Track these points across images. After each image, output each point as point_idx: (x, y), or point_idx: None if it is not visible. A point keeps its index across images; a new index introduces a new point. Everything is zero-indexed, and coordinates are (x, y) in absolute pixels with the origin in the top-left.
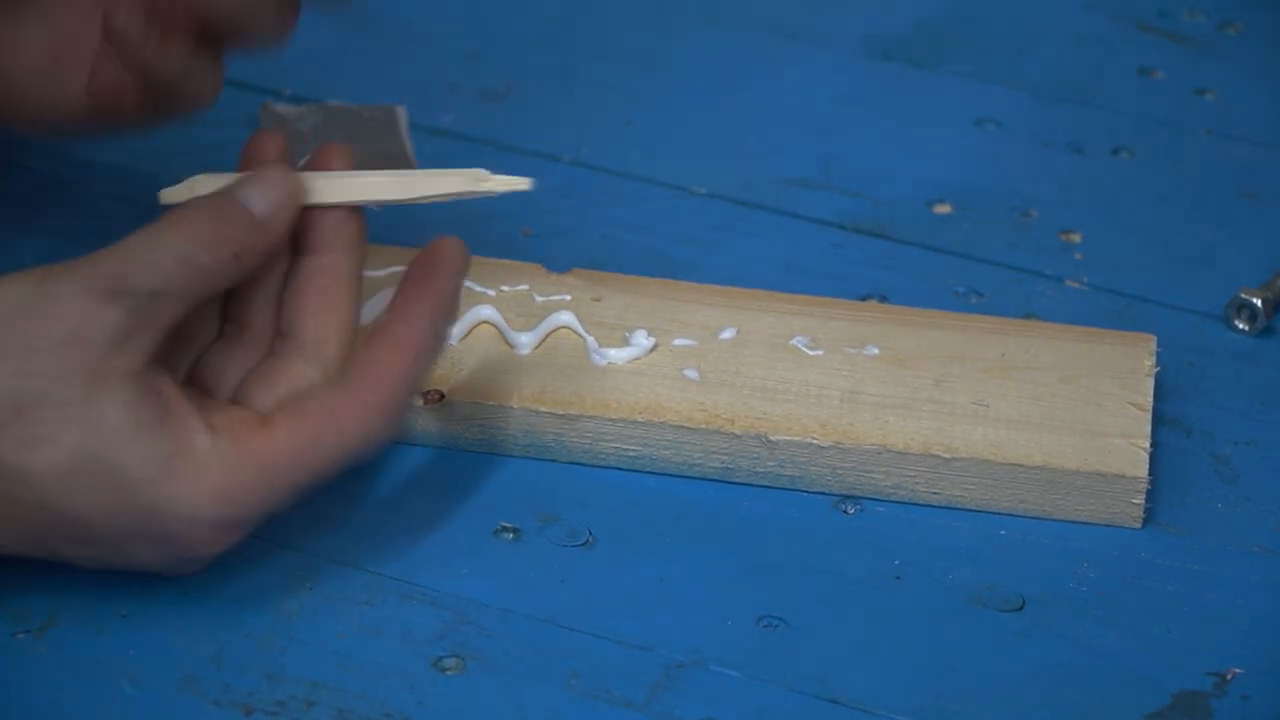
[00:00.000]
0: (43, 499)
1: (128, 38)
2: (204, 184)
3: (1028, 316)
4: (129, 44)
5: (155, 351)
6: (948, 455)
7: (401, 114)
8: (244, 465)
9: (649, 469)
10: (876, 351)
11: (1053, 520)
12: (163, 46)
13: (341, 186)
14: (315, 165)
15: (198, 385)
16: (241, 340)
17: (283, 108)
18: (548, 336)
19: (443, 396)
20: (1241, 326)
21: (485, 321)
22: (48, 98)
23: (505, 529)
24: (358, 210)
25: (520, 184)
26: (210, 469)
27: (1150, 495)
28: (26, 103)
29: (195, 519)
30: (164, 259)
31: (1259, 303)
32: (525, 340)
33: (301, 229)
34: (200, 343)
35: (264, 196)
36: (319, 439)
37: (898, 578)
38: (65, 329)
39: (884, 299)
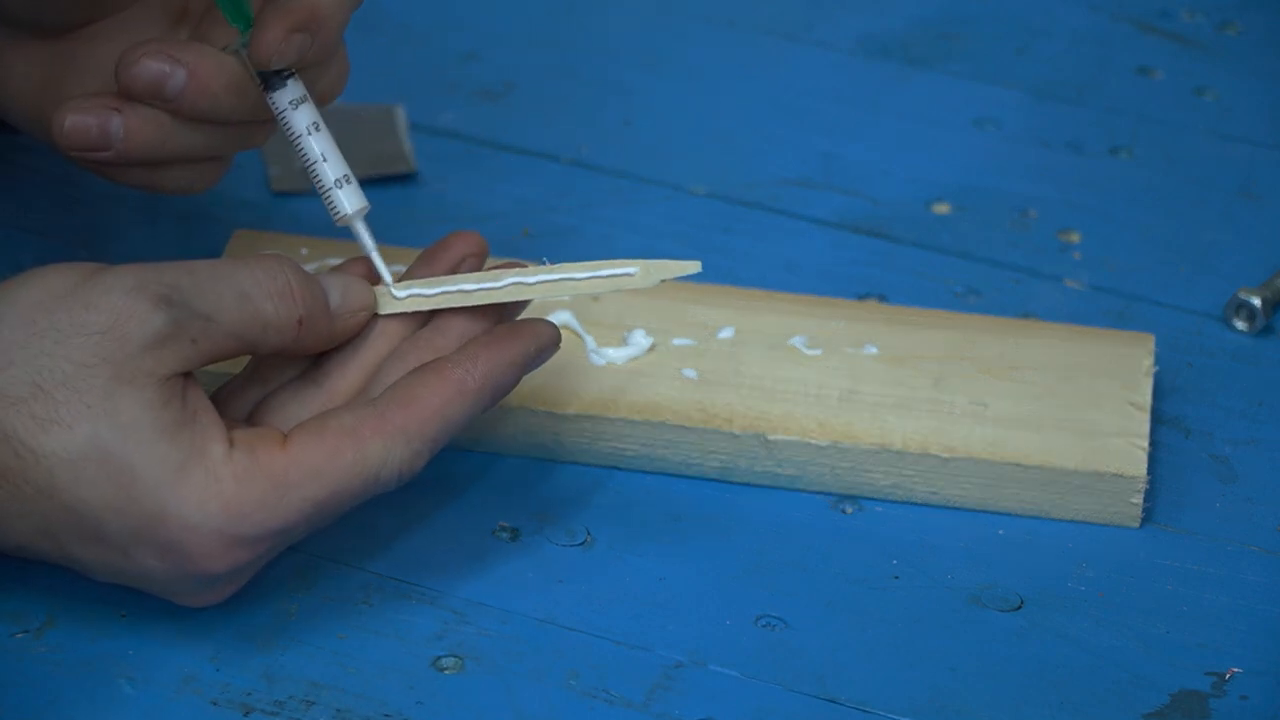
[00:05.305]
0: (50, 484)
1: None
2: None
3: (1026, 316)
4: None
5: (187, 368)
6: (946, 455)
7: (400, 114)
8: (257, 478)
9: (647, 469)
10: (875, 351)
11: (1051, 520)
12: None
13: (501, 290)
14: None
15: (258, 418)
16: (317, 385)
17: None
18: None
19: None
20: (1240, 326)
21: None
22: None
23: (503, 529)
24: (488, 313)
25: (690, 267)
26: (223, 479)
27: (1149, 495)
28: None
29: (202, 528)
30: (225, 290)
31: (1258, 302)
32: None
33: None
34: (274, 383)
35: (339, 291)
36: (336, 455)
37: (896, 578)
38: (106, 320)
39: (883, 299)
